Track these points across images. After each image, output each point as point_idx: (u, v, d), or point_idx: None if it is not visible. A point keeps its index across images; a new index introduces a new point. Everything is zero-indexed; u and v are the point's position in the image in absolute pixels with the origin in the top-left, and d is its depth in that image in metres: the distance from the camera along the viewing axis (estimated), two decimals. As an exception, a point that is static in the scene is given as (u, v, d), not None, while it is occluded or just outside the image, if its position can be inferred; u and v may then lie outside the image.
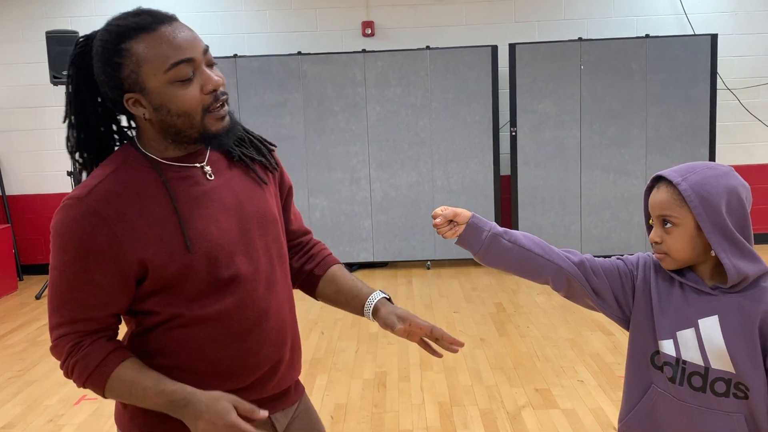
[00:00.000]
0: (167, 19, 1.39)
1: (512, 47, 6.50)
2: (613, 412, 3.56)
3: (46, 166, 7.26)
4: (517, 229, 7.06)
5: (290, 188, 1.73)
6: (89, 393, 4.11)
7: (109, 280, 1.38)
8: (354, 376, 4.21)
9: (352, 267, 6.97)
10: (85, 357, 1.39)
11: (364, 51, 6.64)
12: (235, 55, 6.65)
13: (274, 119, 6.69)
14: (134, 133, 1.50)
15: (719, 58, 6.71)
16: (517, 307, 5.50)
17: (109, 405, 3.93)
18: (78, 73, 1.45)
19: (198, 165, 1.48)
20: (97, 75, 1.41)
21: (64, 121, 1.49)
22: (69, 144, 1.49)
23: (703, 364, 1.50)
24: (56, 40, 6.44)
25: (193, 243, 1.41)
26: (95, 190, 1.38)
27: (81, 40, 1.46)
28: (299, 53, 6.66)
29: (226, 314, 1.45)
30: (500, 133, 6.78)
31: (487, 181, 6.76)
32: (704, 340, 1.50)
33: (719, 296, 1.50)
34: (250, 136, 1.63)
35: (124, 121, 1.54)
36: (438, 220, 1.59)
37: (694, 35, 6.55)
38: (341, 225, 6.86)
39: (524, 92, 6.55)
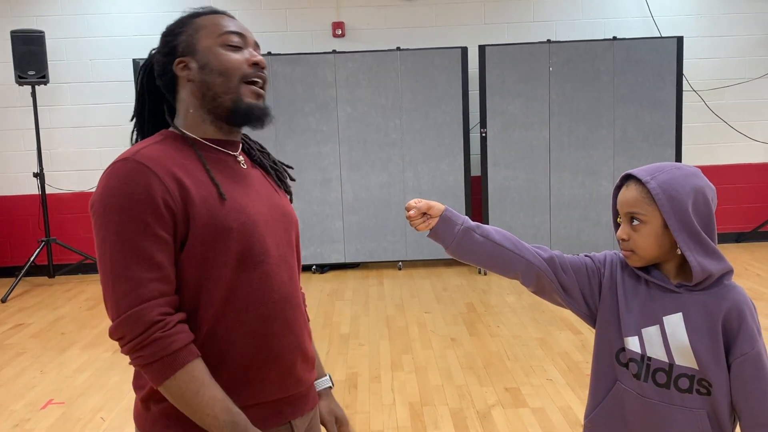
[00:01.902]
0: (232, 16, 1.57)
1: (482, 49, 6.54)
2: (581, 410, 3.60)
3: (11, 168, 7.15)
4: (488, 230, 7.08)
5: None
6: (56, 397, 4.05)
7: (168, 235, 1.36)
8: (325, 377, 4.20)
9: (323, 268, 6.96)
10: (169, 336, 1.32)
11: (334, 52, 6.64)
12: (205, 56, 6.60)
13: (244, 120, 6.65)
14: (176, 112, 1.56)
15: (685, 60, 6.81)
16: (488, 307, 5.53)
17: (78, 409, 3.88)
18: (149, 71, 1.58)
19: (232, 153, 1.54)
20: (157, 54, 1.54)
21: (132, 119, 1.62)
22: (135, 136, 1.62)
23: (667, 361, 1.52)
24: (21, 40, 6.35)
25: (229, 211, 1.42)
26: (140, 152, 1.40)
27: (153, 51, 1.60)
28: (269, 54, 6.64)
29: (252, 291, 1.43)
30: (470, 134, 6.81)
31: (457, 181, 6.79)
32: (669, 337, 1.52)
33: (684, 294, 1.53)
34: (274, 159, 1.69)
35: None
36: (412, 212, 1.60)
37: (661, 38, 6.64)
38: (312, 226, 6.84)
39: (494, 93, 6.59)
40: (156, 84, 1.56)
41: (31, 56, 6.37)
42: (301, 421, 1.58)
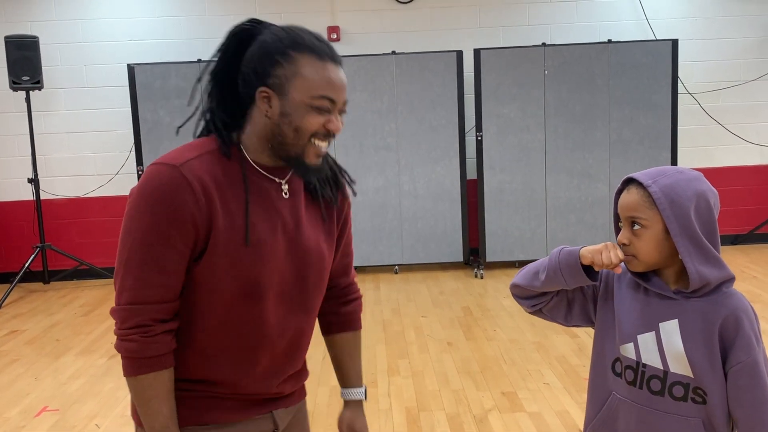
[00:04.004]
0: (338, 60, 1.50)
1: (477, 52, 6.54)
2: (578, 415, 3.59)
3: (5, 173, 7.13)
4: (483, 232, 7.07)
5: (347, 220, 1.75)
6: (50, 404, 4.03)
7: (187, 249, 1.43)
8: (321, 384, 4.19)
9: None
10: (149, 342, 1.42)
11: (329, 56, 6.62)
12: (199, 60, 6.59)
13: (240, 124, 6.64)
14: (243, 124, 1.54)
15: (680, 63, 6.82)
16: (484, 311, 5.52)
17: (72, 416, 3.86)
18: (236, 44, 1.51)
19: (278, 180, 1.55)
20: (249, 58, 1.48)
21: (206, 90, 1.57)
22: (208, 112, 1.56)
23: (662, 368, 1.51)
24: (15, 45, 6.33)
25: (247, 249, 1.47)
26: (190, 163, 1.43)
27: (255, 22, 1.52)
28: (264, 58, 6.61)
29: (245, 323, 1.51)
30: (466, 138, 6.81)
31: (453, 185, 6.79)
32: (664, 344, 1.51)
33: (681, 300, 1.51)
34: (336, 168, 1.69)
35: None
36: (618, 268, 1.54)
37: (656, 40, 6.65)
38: (308, 230, 6.82)
39: (489, 97, 6.59)
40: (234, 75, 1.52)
41: (25, 62, 6.36)
42: (285, 413, 1.66)
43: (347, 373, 1.82)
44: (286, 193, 1.55)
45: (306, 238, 1.58)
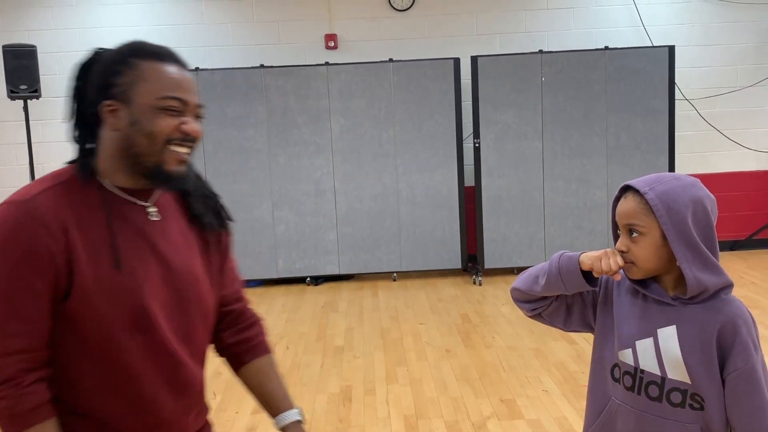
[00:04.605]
0: (182, 62, 1.46)
1: (474, 60, 6.55)
2: (577, 421, 3.58)
3: (3, 183, 7.12)
4: (482, 239, 7.07)
5: (226, 249, 1.68)
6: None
7: (47, 288, 1.34)
8: (319, 391, 4.18)
9: (317, 280, 6.94)
10: (21, 396, 1.33)
11: (327, 64, 6.64)
12: (197, 68, 6.60)
13: (238, 132, 6.65)
14: (95, 149, 1.47)
15: (677, 69, 6.83)
16: (483, 318, 5.51)
17: None
18: (84, 72, 1.46)
19: (142, 203, 1.48)
20: (92, 77, 1.43)
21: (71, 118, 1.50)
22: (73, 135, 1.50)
23: (659, 374, 1.51)
24: (12, 54, 6.33)
25: (117, 277, 1.39)
26: (39, 196, 1.36)
27: (99, 50, 1.48)
28: (262, 66, 6.64)
29: (133, 359, 1.41)
30: (464, 145, 6.81)
31: (451, 191, 6.79)
32: (662, 350, 1.51)
33: (679, 307, 1.51)
34: (211, 197, 1.62)
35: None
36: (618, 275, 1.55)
37: (652, 47, 6.66)
38: (306, 238, 6.82)
39: (487, 104, 6.60)
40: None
41: (23, 70, 6.35)
42: None
43: (275, 398, 1.67)
44: (153, 216, 1.48)
45: (180, 260, 1.50)
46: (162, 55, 1.43)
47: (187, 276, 1.51)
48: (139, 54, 1.42)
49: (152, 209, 1.49)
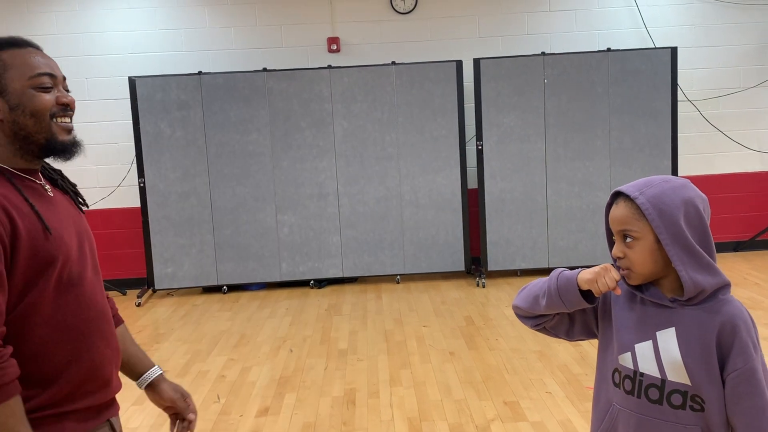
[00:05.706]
0: (37, 46, 1.61)
1: (477, 62, 6.55)
2: (580, 423, 3.58)
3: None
4: (485, 241, 7.06)
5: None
6: None
7: (2, 267, 1.44)
8: (323, 394, 4.19)
9: (321, 283, 6.95)
10: (2, 369, 1.42)
11: (329, 67, 6.65)
12: (200, 72, 6.62)
13: (241, 136, 6.67)
14: None
15: (679, 71, 6.83)
16: (486, 320, 5.51)
17: None
18: None
19: (39, 182, 1.62)
20: None
21: None
22: None
23: (659, 376, 1.51)
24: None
25: (51, 243, 1.52)
26: None
27: None
28: (265, 69, 6.65)
29: (71, 312, 1.55)
30: (467, 147, 6.82)
31: (454, 194, 6.80)
32: (661, 352, 1.51)
33: (677, 309, 1.52)
34: (67, 181, 1.78)
35: None
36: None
37: (655, 48, 6.66)
38: (310, 241, 6.83)
39: (489, 106, 6.60)
40: None
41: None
42: (117, 421, 1.74)
43: (137, 359, 1.85)
44: (48, 192, 1.63)
45: (80, 223, 1.68)
46: (18, 42, 1.58)
47: (89, 236, 1.70)
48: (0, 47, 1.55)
49: (47, 186, 1.64)
